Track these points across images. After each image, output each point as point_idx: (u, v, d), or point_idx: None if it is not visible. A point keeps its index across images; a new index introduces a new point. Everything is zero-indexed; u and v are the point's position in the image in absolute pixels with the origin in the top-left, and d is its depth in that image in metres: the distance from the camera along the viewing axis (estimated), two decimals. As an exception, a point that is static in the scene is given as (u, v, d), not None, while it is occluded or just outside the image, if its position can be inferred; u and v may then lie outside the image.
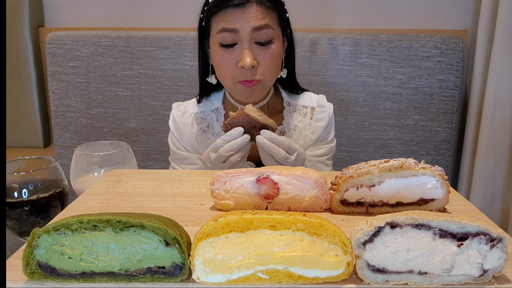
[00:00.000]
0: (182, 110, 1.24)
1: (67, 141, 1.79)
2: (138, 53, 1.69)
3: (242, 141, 0.97)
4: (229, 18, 1.04)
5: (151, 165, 1.79)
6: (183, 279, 0.54)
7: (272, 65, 1.09)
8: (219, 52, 1.08)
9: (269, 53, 1.07)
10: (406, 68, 1.64)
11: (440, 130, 1.69)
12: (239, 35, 1.05)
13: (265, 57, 1.07)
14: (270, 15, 1.07)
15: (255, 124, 0.97)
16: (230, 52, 1.07)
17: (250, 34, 1.04)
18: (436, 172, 0.71)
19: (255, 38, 1.05)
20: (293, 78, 1.25)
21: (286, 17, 1.15)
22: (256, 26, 1.04)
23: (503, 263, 0.54)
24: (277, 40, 1.09)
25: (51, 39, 1.71)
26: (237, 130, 0.97)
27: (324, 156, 1.24)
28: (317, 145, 1.25)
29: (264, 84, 1.11)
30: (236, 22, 1.04)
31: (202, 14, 1.12)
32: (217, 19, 1.06)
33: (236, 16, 1.04)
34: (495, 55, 1.47)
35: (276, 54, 1.09)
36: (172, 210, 0.74)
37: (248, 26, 1.04)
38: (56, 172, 0.93)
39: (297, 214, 0.54)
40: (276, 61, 1.11)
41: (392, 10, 1.71)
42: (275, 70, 1.12)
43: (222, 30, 1.05)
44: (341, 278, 0.54)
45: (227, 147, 0.97)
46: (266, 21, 1.05)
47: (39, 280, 0.54)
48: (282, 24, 1.13)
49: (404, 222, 0.53)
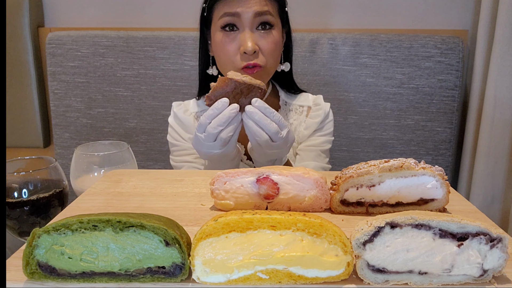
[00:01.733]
0: (183, 109, 1.25)
1: (67, 141, 1.79)
2: (138, 53, 1.69)
3: (230, 113, 0.87)
4: (231, 3, 1.07)
5: (151, 165, 1.79)
6: (183, 279, 0.54)
7: (273, 50, 1.11)
8: (221, 38, 1.10)
9: (270, 39, 1.09)
10: (406, 68, 1.64)
11: (440, 130, 1.69)
12: (240, 20, 1.07)
13: (266, 42, 1.09)
14: (271, 3, 1.10)
15: (242, 89, 0.87)
16: (232, 38, 1.09)
17: (251, 18, 1.07)
18: (436, 172, 0.71)
19: (256, 23, 1.08)
20: (291, 76, 1.26)
21: (285, 10, 1.17)
22: (258, 11, 1.06)
23: (503, 263, 0.54)
24: (278, 28, 1.12)
25: (51, 39, 1.70)
26: (222, 101, 0.87)
27: (318, 146, 1.24)
28: (311, 136, 1.25)
29: (266, 70, 1.12)
30: (238, 6, 1.06)
31: (204, 4, 1.14)
32: (219, 5, 1.09)
33: (238, 1, 1.06)
34: (495, 55, 1.47)
35: (277, 40, 1.11)
36: (172, 210, 0.74)
37: (250, 11, 1.06)
38: (56, 172, 0.93)
39: (297, 214, 0.54)
40: (277, 47, 1.12)
41: (392, 10, 1.71)
42: (276, 56, 1.13)
43: (224, 15, 1.08)
44: (341, 278, 0.54)
45: (214, 122, 0.88)
46: (268, 8, 1.08)
47: (39, 280, 0.54)
48: (282, 15, 1.15)
49: (404, 222, 0.53)
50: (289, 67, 1.21)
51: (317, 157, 1.22)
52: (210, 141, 0.91)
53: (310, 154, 1.21)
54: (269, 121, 0.89)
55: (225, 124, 0.88)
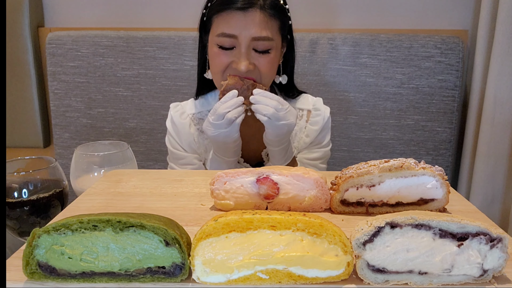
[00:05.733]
0: (180, 111, 1.25)
1: (67, 141, 1.79)
2: (138, 53, 1.69)
3: (237, 101, 1.05)
4: (230, 21, 1.05)
5: (151, 165, 1.79)
6: (183, 279, 0.54)
7: (268, 70, 1.11)
8: (216, 51, 1.09)
9: (266, 60, 1.09)
10: (406, 68, 1.64)
11: (440, 130, 1.69)
12: (238, 41, 1.06)
13: (262, 63, 1.09)
14: (271, 24, 1.07)
15: (248, 86, 1.07)
16: (227, 54, 1.08)
17: (248, 41, 1.05)
18: (436, 172, 0.71)
19: (253, 46, 1.07)
20: (290, 82, 1.25)
21: (288, 24, 1.15)
22: (256, 37, 1.05)
23: (503, 263, 0.54)
24: (276, 49, 1.11)
25: (51, 39, 1.70)
26: (232, 92, 1.05)
27: (318, 160, 1.25)
28: (311, 149, 1.25)
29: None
30: (237, 28, 1.04)
31: (205, 10, 1.13)
32: (219, 19, 1.07)
33: (238, 20, 1.04)
34: (495, 55, 1.47)
35: (273, 61, 1.11)
36: (172, 210, 0.74)
37: (247, 34, 1.04)
38: (56, 172, 0.93)
39: (297, 214, 0.54)
40: (272, 67, 1.12)
41: (392, 10, 1.71)
42: (271, 75, 1.14)
43: (222, 35, 1.06)
44: (341, 278, 0.54)
45: (225, 105, 1.04)
46: (267, 33, 1.06)
47: (39, 280, 0.54)
48: (283, 32, 1.13)
49: (404, 222, 0.53)
50: (287, 79, 1.20)
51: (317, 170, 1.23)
52: (218, 120, 1.05)
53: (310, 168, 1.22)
54: (269, 99, 1.05)
55: (232, 107, 1.04)
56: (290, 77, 1.23)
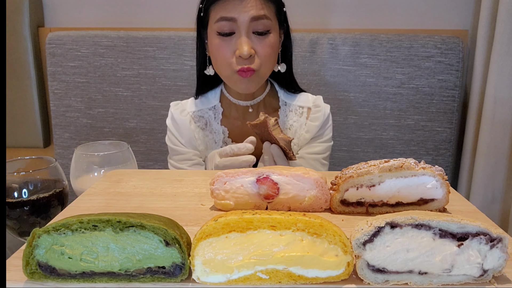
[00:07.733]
0: (180, 108, 1.25)
1: (67, 141, 1.79)
2: (138, 53, 1.69)
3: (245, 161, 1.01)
4: (227, 7, 1.06)
5: (151, 165, 1.79)
6: (183, 279, 0.54)
7: (269, 54, 1.11)
8: (217, 41, 1.10)
9: (267, 43, 1.09)
10: (406, 68, 1.64)
11: (440, 130, 1.69)
12: (237, 24, 1.06)
13: (263, 46, 1.09)
14: (268, 6, 1.09)
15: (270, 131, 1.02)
16: (228, 41, 1.08)
17: (248, 23, 1.06)
18: (436, 172, 0.71)
19: (253, 28, 1.07)
20: (290, 75, 1.26)
21: (283, 10, 1.16)
22: (254, 16, 1.06)
23: (503, 263, 0.54)
24: (274, 31, 1.11)
25: (51, 39, 1.70)
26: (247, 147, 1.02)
27: (320, 154, 1.24)
28: (312, 143, 1.25)
29: (260, 74, 1.12)
30: (235, 11, 1.05)
31: (201, 4, 1.14)
32: (216, 8, 1.08)
33: (235, 5, 1.05)
34: (495, 55, 1.47)
35: (273, 44, 1.11)
36: (172, 210, 0.74)
37: (246, 16, 1.05)
38: (56, 172, 0.93)
39: (297, 214, 0.54)
40: (273, 51, 1.12)
41: (392, 10, 1.71)
42: (272, 60, 1.13)
43: (221, 19, 1.07)
44: (341, 278, 0.54)
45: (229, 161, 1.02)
46: (264, 12, 1.07)
47: (39, 280, 0.54)
48: (279, 16, 1.14)
49: (404, 222, 0.53)
50: (285, 68, 1.21)
51: (320, 166, 1.23)
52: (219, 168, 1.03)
53: (312, 163, 1.22)
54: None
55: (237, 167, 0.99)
56: (290, 68, 1.24)
